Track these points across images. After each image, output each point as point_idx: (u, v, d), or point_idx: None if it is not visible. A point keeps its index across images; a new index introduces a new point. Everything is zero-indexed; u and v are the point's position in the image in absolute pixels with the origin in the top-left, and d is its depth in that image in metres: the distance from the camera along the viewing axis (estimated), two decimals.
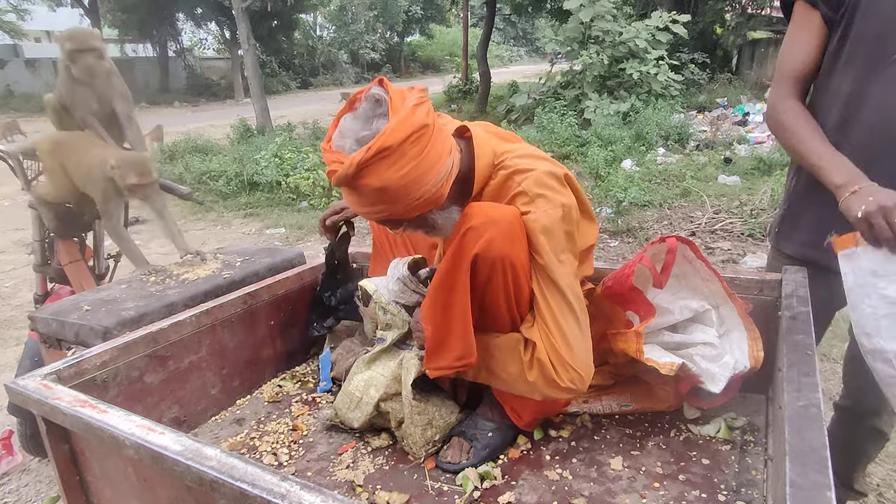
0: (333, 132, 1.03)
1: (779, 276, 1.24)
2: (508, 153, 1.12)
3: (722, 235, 4.42)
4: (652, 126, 7.74)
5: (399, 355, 1.29)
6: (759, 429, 1.19)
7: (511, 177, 1.08)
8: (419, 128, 0.95)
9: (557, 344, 1.03)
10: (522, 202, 1.05)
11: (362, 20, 26.69)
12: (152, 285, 1.55)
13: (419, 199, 0.99)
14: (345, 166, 0.94)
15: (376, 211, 1.02)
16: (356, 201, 1.01)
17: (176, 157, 7.77)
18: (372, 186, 0.95)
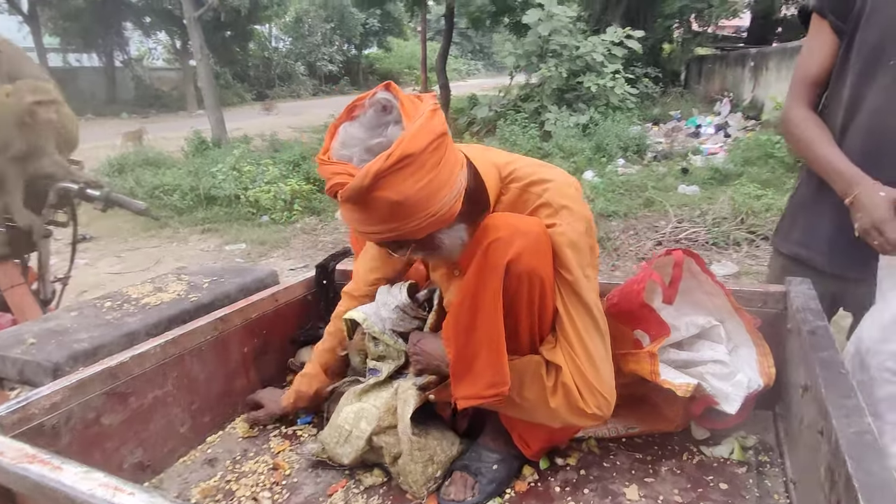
0: (332, 142, 0.91)
1: (783, 288, 1.21)
2: (512, 165, 1.05)
3: (687, 244, 4.50)
4: (611, 138, 7.89)
5: (393, 385, 1.19)
6: (772, 448, 1.15)
7: (527, 189, 1.01)
8: (439, 135, 0.86)
9: (584, 367, 0.96)
10: (546, 214, 0.99)
11: (319, 32, 26.44)
12: (108, 312, 1.39)
13: (434, 215, 0.89)
14: (358, 177, 0.82)
15: (386, 230, 0.89)
16: (362, 219, 0.89)
17: (126, 170, 7.38)
18: (388, 200, 0.84)
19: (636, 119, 9.43)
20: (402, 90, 0.91)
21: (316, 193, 6.13)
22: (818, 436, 0.80)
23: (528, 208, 1.01)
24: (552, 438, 1.14)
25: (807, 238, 1.28)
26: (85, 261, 4.79)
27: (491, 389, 0.98)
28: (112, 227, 5.61)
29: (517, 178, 1.03)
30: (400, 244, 0.97)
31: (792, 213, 1.34)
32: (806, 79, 1.18)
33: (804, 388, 0.94)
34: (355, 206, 0.87)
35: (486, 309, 0.97)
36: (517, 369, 1.01)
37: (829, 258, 1.24)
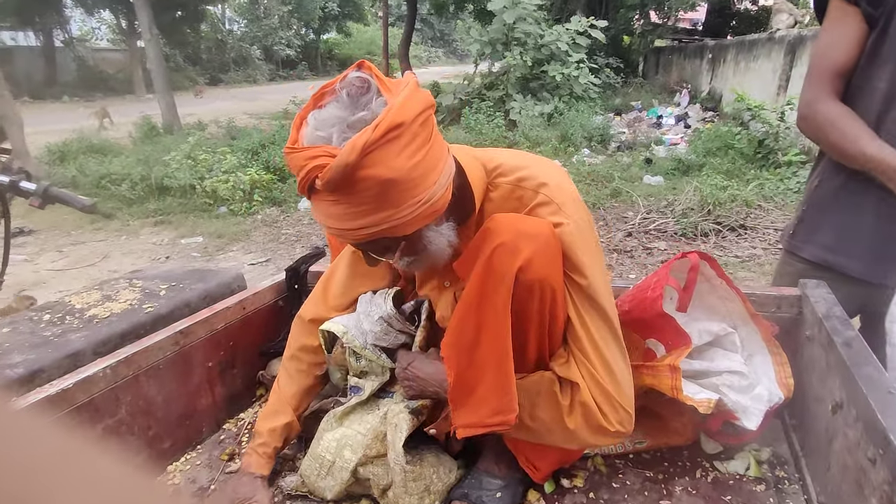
0: (300, 132, 0.78)
1: (797, 292, 1.15)
2: (497, 160, 0.94)
3: (657, 235, 4.51)
4: (576, 127, 7.89)
5: (378, 407, 1.07)
6: (788, 461, 1.09)
7: (519, 185, 0.91)
8: (429, 106, 0.77)
9: (604, 381, 0.87)
10: (549, 212, 0.88)
11: (276, 15, 25.53)
12: (47, 327, 1.20)
13: (426, 203, 0.77)
14: (343, 153, 0.70)
15: (373, 223, 0.76)
16: (345, 212, 0.75)
17: (68, 158, 6.88)
18: (377, 179, 0.72)
19: (599, 109, 9.48)
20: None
21: (277, 183, 5.86)
22: (867, 463, 0.73)
23: (526, 206, 0.90)
24: (563, 458, 1.05)
25: (837, 242, 1.15)
26: (23, 256, 4.42)
27: (496, 417, 0.87)
28: (53, 220, 5.21)
29: (504, 173, 0.93)
30: (386, 245, 0.84)
31: (813, 214, 1.21)
32: (831, 69, 1.09)
33: (837, 405, 0.87)
34: (338, 192, 0.74)
35: (492, 324, 0.86)
36: (528, 389, 0.91)
37: (869, 265, 1.12)
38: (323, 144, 0.75)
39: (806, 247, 1.22)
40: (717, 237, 4.34)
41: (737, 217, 4.51)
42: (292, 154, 0.77)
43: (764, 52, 7.75)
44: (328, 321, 1.12)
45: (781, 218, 4.61)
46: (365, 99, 0.76)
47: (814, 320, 1.04)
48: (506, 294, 0.84)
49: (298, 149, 0.76)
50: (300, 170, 0.75)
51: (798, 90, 4.99)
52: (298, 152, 0.76)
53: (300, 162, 0.75)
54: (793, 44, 6.71)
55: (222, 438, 1.30)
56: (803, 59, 6.38)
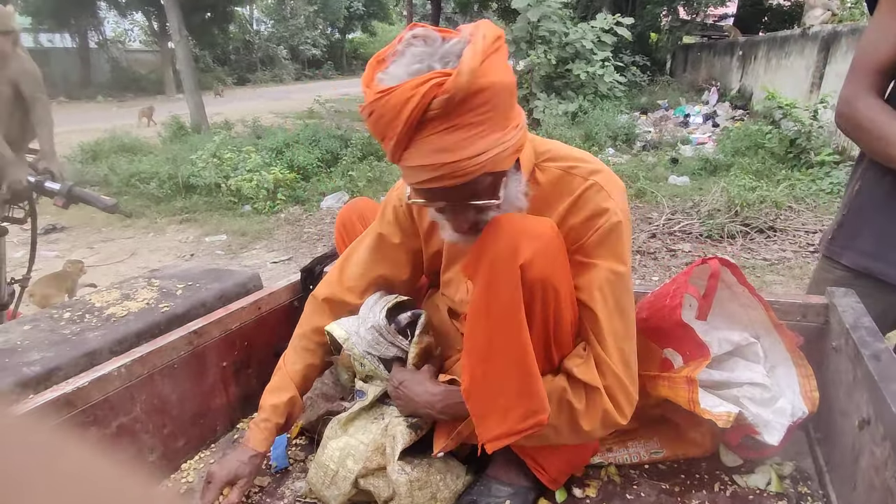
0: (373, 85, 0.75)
1: (824, 300, 1.10)
2: (546, 144, 0.95)
3: (681, 237, 4.42)
4: (601, 126, 7.78)
5: (383, 416, 1.06)
6: (811, 477, 1.04)
7: (569, 171, 0.90)
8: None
9: (626, 383, 0.89)
10: (601, 198, 0.88)
11: (302, 15, 25.82)
12: (66, 325, 1.23)
13: (519, 129, 0.78)
14: (466, 61, 0.69)
15: (487, 146, 0.74)
16: (462, 138, 0.72)
17: (100, 157, 7.07)
18: (496, 87, 0.72)
19: (624, 108, 9.33)
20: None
21: (300, 182, 5.92)
22: (895, 483, 0.69)
23: (574, 192, 0.89)
24: (573, 462, 1.03)
25: (878, 248, 1.08)
26: (55, 252, 4.56)
27: (528, 420, 0.85)
28: (85, 217, 5.36)
29: (554, 158, 0.92)
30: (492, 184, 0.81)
31: (853, 219, 1.14)
32: (875, 65, 1.02)
33: (864, 421, 0.83)
34: (458, 111, 0.71)
35: (504, 328, 0.84)
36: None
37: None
38: (423, 74, 0.72)
39: (845, 253, 1.15)
40: (744, 239, 4.23)
41: (766, 219, 4.39)
42: (387, 94, 0.72)
43: (797, 49, 7.52)
44: (333, 323, 1.11)
45: (813, 220, 4.47)
46: (438, 42, 0.76)
47: (841, 330, 0.99)
48: (513, 294, 0.83)
49: (392, 88, 0.72)
50: (407, 102, 0.70)
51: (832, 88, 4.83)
52: (395, 90, 0.71)
53: (405, 94, 0.70)
54: (827, 40, 6.49)
55: (236, 438, 1.31)
56: (837, 56, 6.17)
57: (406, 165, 0.77)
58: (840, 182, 5.01)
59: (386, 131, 0.75)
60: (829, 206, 4.70)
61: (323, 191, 5.77)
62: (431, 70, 0.72)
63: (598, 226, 0.87)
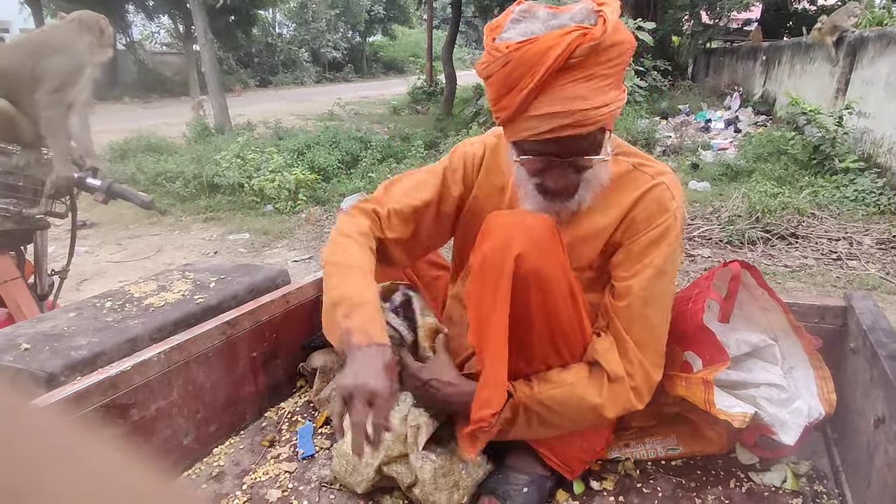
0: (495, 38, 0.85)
1: (842, 303, 1.11)
2: (616, 139, 1.00)
3: (701, 242, 4.40)
4: (620, 131, 7.75)
5: (398, 404, 1.10)
6: (827, 476, 1.06)
7: (638, 167, 0.97)
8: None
9: (647, 367, 0.93)
10: (666, 197, 0.94)
11: (323, 19, 26.13)
12: (109, 313, 1.30)
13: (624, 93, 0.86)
14: (609, 16, 0.79)
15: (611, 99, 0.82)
16: (594, 88, 0.80)
17: (127, 156, 7.25)
18: (627, 42, 0.82)
19: (644, 112, 9.26)
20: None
21: (321, 183, 6.02)
22: (872, 466, 0.71)
23: (640, 188, 0.95)
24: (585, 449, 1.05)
25: None
26: (85, 248, 4.70)
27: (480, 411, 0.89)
28: (113, 214, 5.51)
29: (626, 153, 0.99)
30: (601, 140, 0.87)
31: None
32: None
33: (879, 420, 0.85)
34: (597, 58, 0.79)
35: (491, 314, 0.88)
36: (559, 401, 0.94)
37: None
38: (553, 30, 0.80)
39: None
40: (765, 245, 4.19)
41: (787, 225, 4.34)
42: (530, 43, 0.79)
43: (822, 54, 7.42)
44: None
45: (836, 227, 4.42)
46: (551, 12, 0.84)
47: (858, 332, 1.01)
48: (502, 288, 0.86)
49: (536, 37, 0.80)
50: (550, 49, 0.77)
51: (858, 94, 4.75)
52: (539, 38, 0.79)
53: (550, 42, 0.78)
54: (853, 46, 6.40)
55: (264, 426, 1.36)
56: (864, 61, 6.08)
57: (532, 115, 0.82)
58: (865, 189, 4.94)
59: (520, 80, 0.80)
60: (853, 214, 4.64)
61: (343, 192, 5.85)
62: (569, 24, 0.80)
63: (658, 224, 0.93)
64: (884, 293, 3.30)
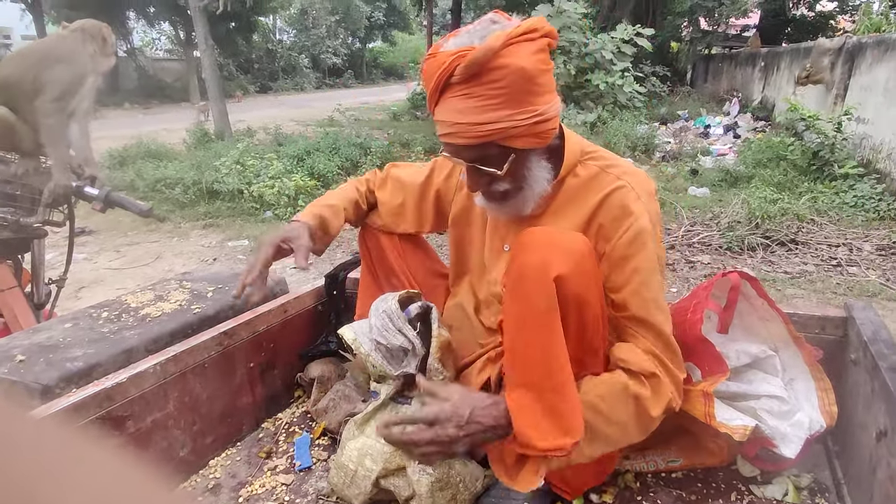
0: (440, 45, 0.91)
1: (843, 314, 1.11)
2: (595, 148, 1.04)
3: (700, 249, 4.39)
4: (620, 137, 7.76)
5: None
6: (829, 489, 1.05)
7: (607, 169, 0.98)
8: (552, 33, 0.89)
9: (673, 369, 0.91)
10: (631, 198, 0.94)
11: (323, 25, 26.25)
12: (105, 324, 1.29)
13: (540, 116, 0.87)
14: (490, 39, 0.83)
15: (497, 118, 0.85)
16: (475, 106, 0.85)
17: (127, 162, 7.25)
18: (512, 67, 0.83)
19: (643, 118, 9.29)
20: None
21: (320, 189, 6.01)
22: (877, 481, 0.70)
23: (604, 189, 0.96)
24: (596, 473, 1.04)
25: None
26: (84, 255, 4.69)
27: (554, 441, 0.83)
28: (112, 221, 5.50)
29: (597, 158, 1.01)
30: (497, 155, 0.91)
31: None
32: None
33: (881, 433, 0.84)
34: (474, 80, 0.85)
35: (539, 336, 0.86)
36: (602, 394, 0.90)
37: None
38: (465, 47, 0.86)
39: None
40: (764, 252, 4.19)
41: (787, 231, 4.34)
42: (434, 57, 0.88)
43: None
44: (345, 327, 1.15)
45: (836, 233, 4.41)
46: (499, 23, 0.88)
47: (859, 343, 1.00)
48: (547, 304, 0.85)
49: (436, 54, 0.89)
50: (441, 66, 0.86)
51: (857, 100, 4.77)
52: (437, 56, 0.88)
53: (443, 59, 0.86)
54: (851, 52, 6.42)
55: (261, 437, 1.35)
56: (862, 67, 6.10)
57: (436, 119, 0.93)
58: (864, 195, 4.94)
59: (427, 86, 0.91)
60: (852, 220, 4.64)
61: None
62: (471, 45, 0.85)
63: (627, 226, 0.92)
64: (884, 300, 3.29)
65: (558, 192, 1.01)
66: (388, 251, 1.33)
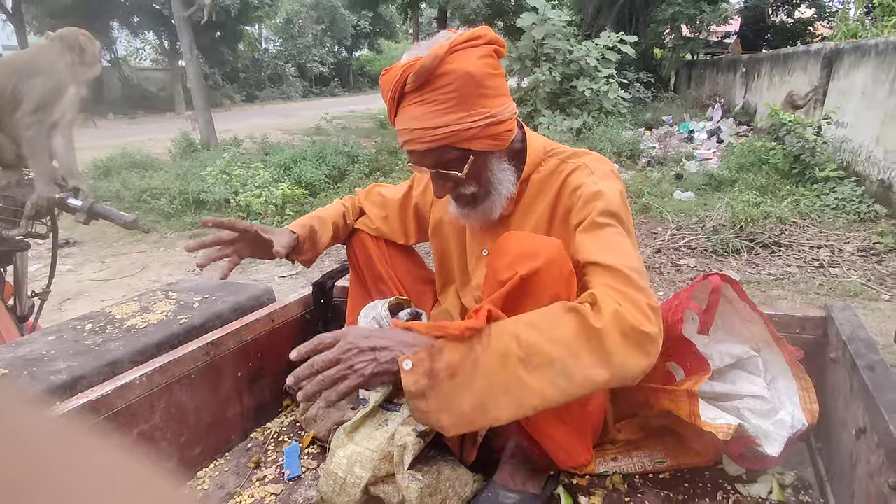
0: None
1: (822, 314, 1.13)
2: (558, 145, 1.09)
3: (686, 252, 4.44)
4: (605, 142, 7.85)
5: (387, 423, 1.09)
6: (812, 486, 1.07)
7: (566, 159, 1.04)
8: (499, 41, 0.94)
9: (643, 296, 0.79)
10: (581, 175, 1.00)
11: (310, 34, 26.27)
12: (89, 336, 1.28)
13: (493, 118, 0.92)
14: (433, 49, 0.88)
15: (450, 122, 0.90)
16: (428, 111, 0.90)
17: (112, 172, 7.19)
18: (459, 72, 0.89)
19: (628, 124, 9.40)
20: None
21: (308, 198, 6.00)
22: (889, 490, 0.72)
23: (564, 173, 1.02)
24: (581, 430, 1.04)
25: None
26: (68, 266, 4.63)
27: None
28: (97, 232, 5.45)
29: (558, 153, 1.06)
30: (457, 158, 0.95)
31: None
32: None
33: (860, 431, 0.86)
34: (425, 87, 0.90)
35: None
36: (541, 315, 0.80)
37: None
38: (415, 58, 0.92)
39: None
40: (748, 254, 4.24)
41: (770, 234, 4.41)
42: (388, 72, 0.95)
43: (800, 66, 7.59)
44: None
45: (818, 235, 4.49)
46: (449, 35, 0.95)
47: (838, 343, 1.02)
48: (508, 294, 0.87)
49: (391, 68, 0.95)
50: (395, 78, 0.92)
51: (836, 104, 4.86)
52: (392, 69, 0.94)
53: (396, 72, 0.92)
54: (830, 57, 6.56)
55: (249, 447, 1.34)
56: (840, 72, 6.23)
57: (396, 128, 0.98)
58: (845, 197, 5.03)
59: (386, 99, 0.97)
60: (834, 222, 4.72)
61: None
62: (420, 56, 0.90)
63: (580, 195, 0.97)
64: (866, 300, 3.35)
65: (525, 190, 1.06)
66: (375, 258, 1.34)
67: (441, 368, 0.78)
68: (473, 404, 0.77)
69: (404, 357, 0.79)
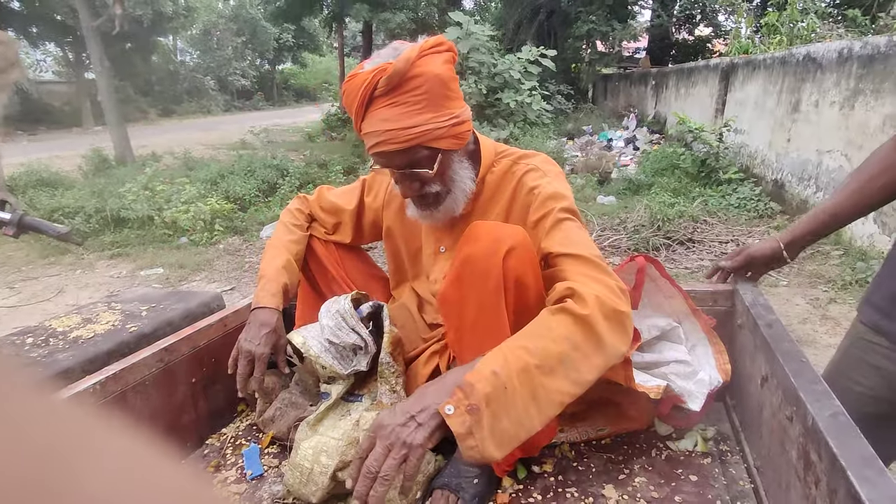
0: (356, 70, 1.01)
1: (730, 287, 1.30)
2: (507, 147, 1.18)
3: (611, 251, 4.74)
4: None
5: (350, 412, 1.14)
6: (729, 437, 1.22)
7: (517, 161, 1.12)
8: (453, 48, 1.01)
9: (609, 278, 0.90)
10: (536, 176, 1.08)
11: (230, 46, 25.49)
12: (31, 349, 1.23)
13: (457, 118, 0.99)
14: (405, 53, 0.94)
15: (421, 122, 0.96)
16: (400, 113, 0.96)
17: (16, 191, 6.66)
18: (429, 75, 0.95)
19: (552, 134, 9.86)
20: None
21: (238, 212, 5.85)
22: (787, 421, 0.86)
23: (517, 175, 1.10)
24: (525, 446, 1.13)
25: (891, 304, 0.97)
26: None
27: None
28: (1, 256, 5.04)
29: (508, 155, 1.14)
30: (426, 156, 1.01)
31: (881, 273, 1.02)
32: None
33: (763, 379, 1.01)
34: (396, 90, 0.95)
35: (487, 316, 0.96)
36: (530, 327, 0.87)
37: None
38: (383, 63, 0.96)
39: (863, 307, 1.05)
40: (667, 251, 4.59)
41: (684, 232, 4.79)
42: (355, 76, 0.98)
43: (701, 79, 8.30)
44: (293, 332, 1.20)
45: (725, 232, 4.92)
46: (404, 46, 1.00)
47: (743, 310, 1.19)
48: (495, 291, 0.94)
49: (356, 74, 0.99)
50: (364, 83, 0.96)
51: (733, 113, 5.35)
52: (358, 75, 0.98)
53: (365, 77, 0.96)
54: (726, 71, 7.23)
55: (206, 453, 1.33)
56: (736, 84, 6.88)
57: (363, 133, 1.01)
58: (746, 197, 5.55)
59: (351, 105, 1.00)
60: (737, 219, 5.20)
61: (262, 220, 5.73)
62: (387, 62, 0.96)
63: (536, 195, 1.06)
64: (767, 286, 3.73)
65: (482, 190, 1.15)
66: (325, 260, 1.39)
67: (479, 400, 0.80)
68: (512, 423, 0.81)
69: (444, 404, 0.81)
